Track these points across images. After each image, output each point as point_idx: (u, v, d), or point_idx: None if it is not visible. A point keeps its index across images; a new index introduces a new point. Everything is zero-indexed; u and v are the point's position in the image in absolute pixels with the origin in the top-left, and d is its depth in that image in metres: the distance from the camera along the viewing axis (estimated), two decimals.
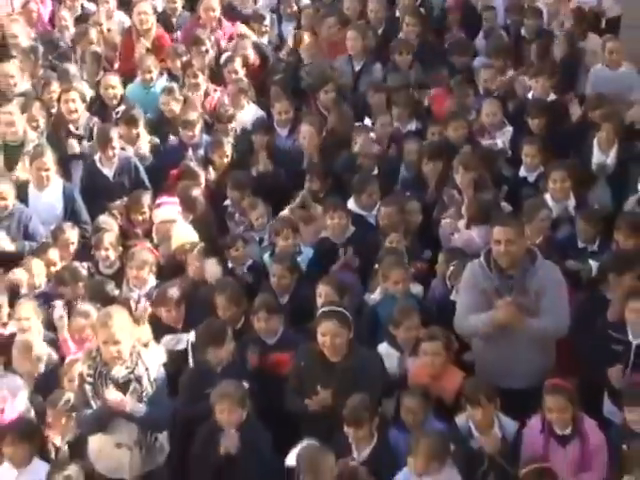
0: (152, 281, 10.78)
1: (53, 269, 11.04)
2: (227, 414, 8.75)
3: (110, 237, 11.26)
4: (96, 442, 8.85)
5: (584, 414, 8.51)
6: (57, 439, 9.18)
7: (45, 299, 10.54)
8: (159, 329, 10.07)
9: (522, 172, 11.83)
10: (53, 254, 11.20)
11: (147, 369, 8.65)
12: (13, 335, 10.08)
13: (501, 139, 12.46)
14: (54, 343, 10.03)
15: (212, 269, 10.67)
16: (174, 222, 11.58)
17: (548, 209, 10.70)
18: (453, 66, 14.24)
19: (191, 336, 9.89)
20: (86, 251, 11.60)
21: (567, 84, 13.48)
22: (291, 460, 8.42)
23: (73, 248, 11.46)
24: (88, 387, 8.69)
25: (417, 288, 10.21)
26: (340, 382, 8.78)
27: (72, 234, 11.51)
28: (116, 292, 10.56)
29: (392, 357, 9.42)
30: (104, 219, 11.70)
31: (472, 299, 9.10)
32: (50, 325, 10.21)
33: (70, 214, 12.08)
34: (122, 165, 12.53)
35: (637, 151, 11.69)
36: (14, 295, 10.52)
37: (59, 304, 10.25)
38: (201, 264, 10.78)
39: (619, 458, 8.20)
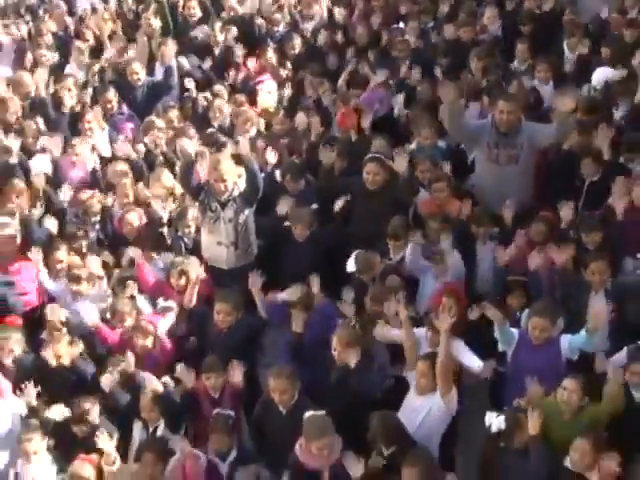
0: (253, 131, 10.79)
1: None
2: (300, 230, 8.90)
3: (220, 102, 11.27)
4: (204, 240, 9.02)
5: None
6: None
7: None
8: None
9: (515, 64, 11.65)
10: (173, 114, 11.19)
11: (240, 191, 8.79)
12: None
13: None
14: None
15: None
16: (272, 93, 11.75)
17: (529, 89, 10.67)
18: None
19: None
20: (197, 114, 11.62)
21: None
22: (350, 266, 8.52)
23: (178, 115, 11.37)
24: (202, 207, 8.91)
25: (442, 142, 10.12)
26: (377, 204, 8.98)
27: (174, 113, 11.34)
28: (224, 139, 10.35)
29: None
30: (219, 87, 11.66)
31: (474, 125, 9.44)
32: None
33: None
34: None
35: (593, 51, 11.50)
36: None
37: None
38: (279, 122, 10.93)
39: None
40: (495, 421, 6.85)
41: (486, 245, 8.62)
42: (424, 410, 7.09)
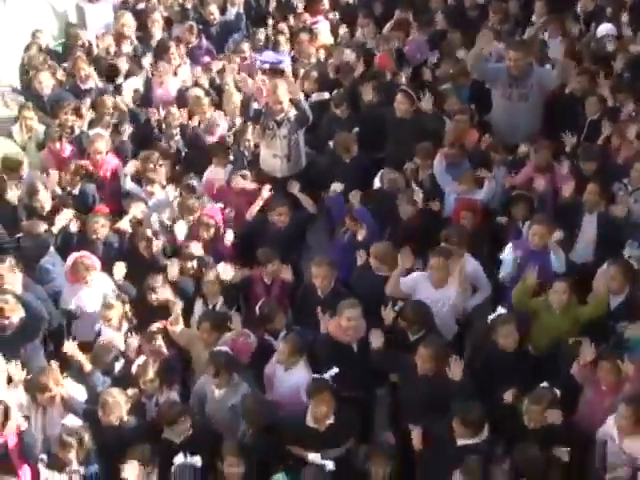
0: (314, 58, 10.74)
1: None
2: (345, 152, 8.77)
3: (284, 38, 11.03)
4: (263, 153, 8.99)
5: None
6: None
7: None
8: None
9: (534, 18, 11.19)
10: (245, 46, 10.89)
11: (293, 113, 8.75)
12: None
13: None
14: None
15: None
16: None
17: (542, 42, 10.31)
18: None
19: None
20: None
21: None
22: (377, 183, 8.52)
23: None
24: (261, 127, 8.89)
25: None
26: (406, 131, 8.90)
27: (246, 45, 11.03)
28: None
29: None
30: (282, 26, 11.46)
31: (493, 67, 9.25)
32: None
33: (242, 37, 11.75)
34: None
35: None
36: None
37: None
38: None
39: None
40: None
41: (499, 169, 8.54)
42: (440, 301, 7.06)
